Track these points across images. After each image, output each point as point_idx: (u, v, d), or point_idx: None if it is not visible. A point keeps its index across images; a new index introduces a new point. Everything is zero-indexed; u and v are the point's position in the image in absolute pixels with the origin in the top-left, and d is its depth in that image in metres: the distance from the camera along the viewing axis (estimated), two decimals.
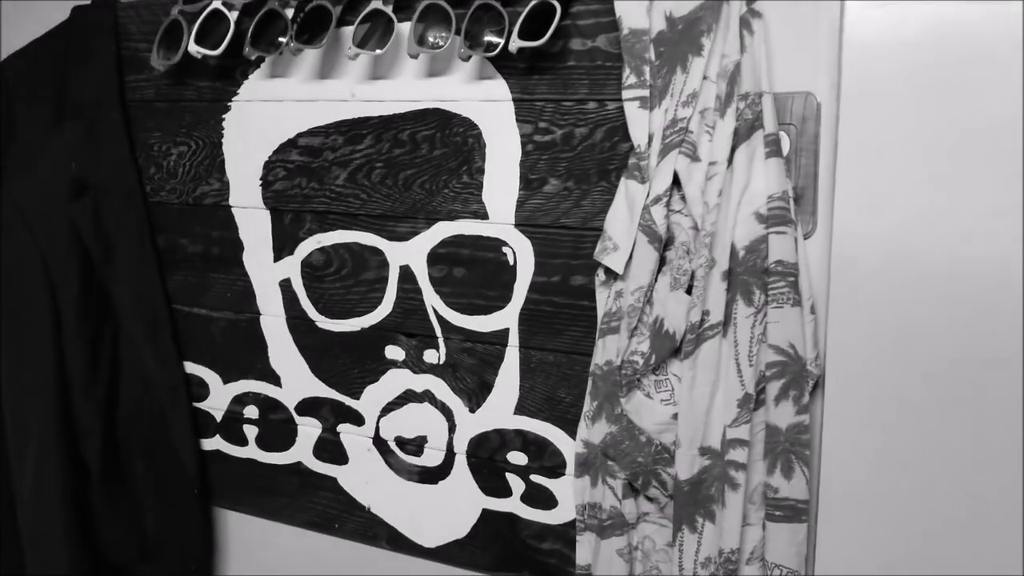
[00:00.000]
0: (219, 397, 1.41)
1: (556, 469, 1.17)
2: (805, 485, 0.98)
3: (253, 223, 1.32)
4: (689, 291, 0.99)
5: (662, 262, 1.01)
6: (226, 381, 1.40)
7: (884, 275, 0.95)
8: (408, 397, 1.25)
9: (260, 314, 1.34)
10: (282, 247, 1.30)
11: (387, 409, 1.27)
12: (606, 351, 1.05)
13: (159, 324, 1.40)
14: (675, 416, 1.00)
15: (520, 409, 1.18)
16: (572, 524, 1.17)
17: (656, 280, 1.01)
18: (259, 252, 1.32)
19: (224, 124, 1.31)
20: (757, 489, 1.00)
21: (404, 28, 1.11)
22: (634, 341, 1.01)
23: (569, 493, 1.17)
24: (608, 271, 1.05)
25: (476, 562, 1.26)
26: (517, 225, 1.14)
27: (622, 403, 1.01)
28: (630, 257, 1.01)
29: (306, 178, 1.26)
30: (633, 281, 1.01)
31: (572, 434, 1.15)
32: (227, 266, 1.35)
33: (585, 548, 1.11)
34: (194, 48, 1.20)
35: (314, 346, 1.31)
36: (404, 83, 1.18)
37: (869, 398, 0.97)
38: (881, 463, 0.97)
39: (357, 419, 1.30)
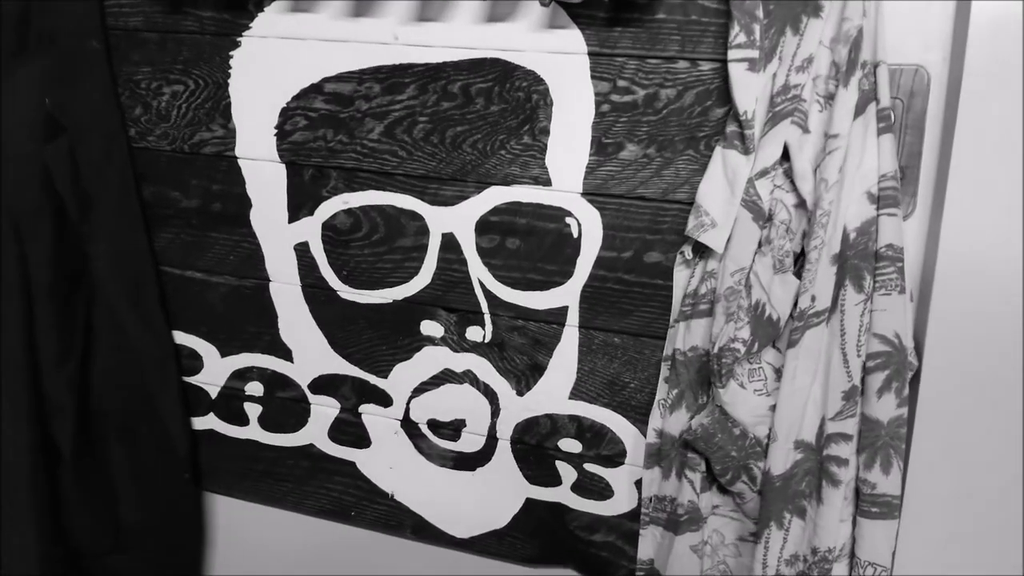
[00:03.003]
0: (215, 371, 1.26)
1: (615, 458, 1.09)
2: (900, 480, 0.93)
3: (264, 177, 1.16)
4: (795, 275, 0.92)
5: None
6: (224, 354, 1.25)
7: (992, 266, 0.90)
8: (446, 377, 1.14)
9: (269, 280, 1.19)
10: (299, 206, 1.15)
11: (420, 390, 1.16)
12: (691, 335, 0.97)
13: (144, 288, 1.23)
14: (772, 407, 0.94)
15: (576, 393, 1.09)
16: (629, 516, 1.10)
17: (754, 261, 0.94)
18: (271, 211, 1.17)
19: (232, 62, 1.14)
20: (850, 485, 0.95)
21: None
22: (731, 326, 0.93)
23: (627, 483, 1.09)
24: (696, 248, 0.97)
25: (516, 554, 1.17)
26: (585, 194, 1.03)
27: (720, 394, 0.94)
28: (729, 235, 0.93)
29: (332, 129, 1.11)
30: (733, 262, 0.93)
31: (635, 421, 1.07)
32: (230, 225, 1.19)
33: (648, 542, 1.05)
34: None
35: (335, 318, 1.18)
36: (458, 27, 1.04)
37: (966, 394, 0.92)
38: (972, 461, 0.94)
39: (383, 399, 1.18)
